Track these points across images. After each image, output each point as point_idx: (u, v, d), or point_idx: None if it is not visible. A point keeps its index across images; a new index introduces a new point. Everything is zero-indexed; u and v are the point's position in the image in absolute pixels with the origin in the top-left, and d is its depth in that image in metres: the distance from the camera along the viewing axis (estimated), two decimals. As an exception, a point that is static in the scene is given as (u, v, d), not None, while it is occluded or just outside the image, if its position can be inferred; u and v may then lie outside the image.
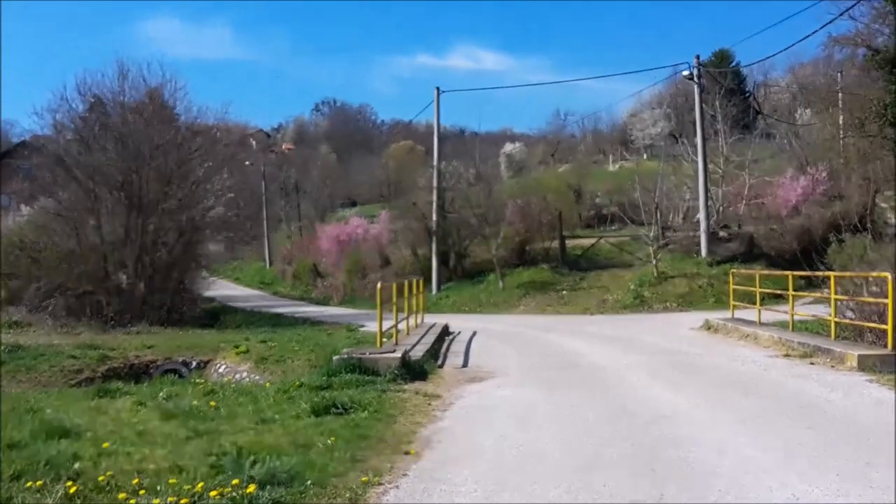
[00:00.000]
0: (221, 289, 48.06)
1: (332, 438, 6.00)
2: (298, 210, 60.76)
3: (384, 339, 10.97)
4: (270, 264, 56.09)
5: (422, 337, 13.26)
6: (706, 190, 27.21)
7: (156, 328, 21.53)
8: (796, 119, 42.39)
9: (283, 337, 18.97)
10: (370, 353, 9.24)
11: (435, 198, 30.10)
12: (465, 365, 10.94)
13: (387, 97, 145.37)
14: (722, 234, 29.32)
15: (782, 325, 14.46)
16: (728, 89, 37.40)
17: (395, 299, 12.13)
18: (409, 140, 74.55)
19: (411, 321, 15.55)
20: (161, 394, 8.64)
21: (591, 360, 11.48)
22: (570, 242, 30.83)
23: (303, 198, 63.31)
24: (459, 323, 19.72)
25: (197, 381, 11.40)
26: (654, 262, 25.31)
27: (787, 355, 11.29)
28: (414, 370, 9.38)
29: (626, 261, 28.65)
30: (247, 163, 69.08)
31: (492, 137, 70.12)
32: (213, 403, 7.66)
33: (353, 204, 64.46)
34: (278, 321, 25.79)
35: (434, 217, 30.08)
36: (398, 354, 9.25)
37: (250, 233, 59.68)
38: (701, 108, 27.47)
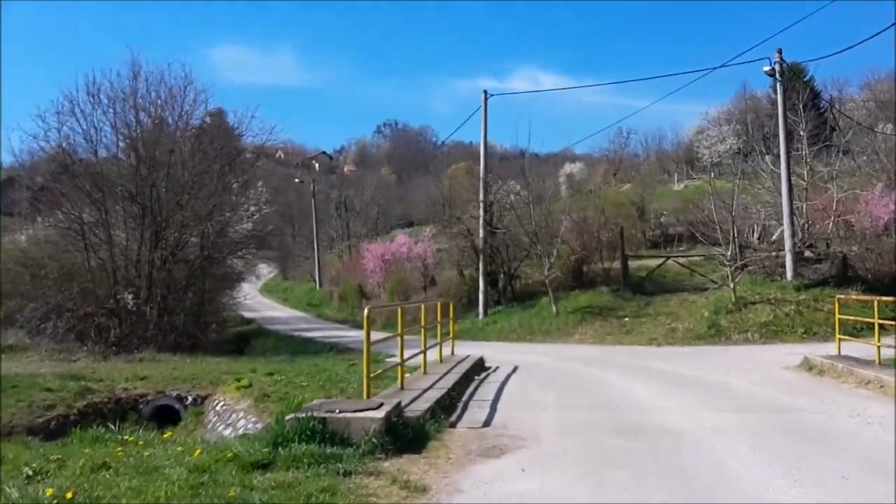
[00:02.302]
0: (266, 310, 46.38)
1: None
2: (348, 229, 58.90)
3: (372, 387, 8.16)
4: (320, 285, 54.12)
5: (441, 377, 10.40)
6: (790, 202, 23.63)
7: (164, 355, 19.30)
8: (876, 134, 38.81)
9: (295, 368, 16.43)
10: (340, 411, 6.41)
11: (482, 212, 27.21)
12: (486, 423, 7.98)
13: (447, 119, 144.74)
14: (808, 253, 25.63)
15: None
16: (803, 104, 33.95)
17: (400, 328, 9.37)
18: (468, 161, 72.74)
19: (434, 354, 12.84)
20: (26, 468, 6.02)
21: (661, 417, 8.41)
22: (632, 263, 27.56)
23: (354, 217, 61.65)
24: (502, 355, 16.83)
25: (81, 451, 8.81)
26: (731, 285, 21.85)
27: (938, 415, 8.06)
28: (403, 436, 6.50)
29: (698, 284, 25.22)
30: (297, 180, 68.38)
31: (552, 158, 67.39)
32: (69, 495, 4.98)
33: (410, 224, 62.68)
34: (305, 347, 23.35)
35: (481, 233, 27.20)
36: (380, 413, 6.38)
37: (288, 250, 58.48)
38: (784, 107, 23.96)
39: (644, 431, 7.48)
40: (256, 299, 55.40)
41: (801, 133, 28.39)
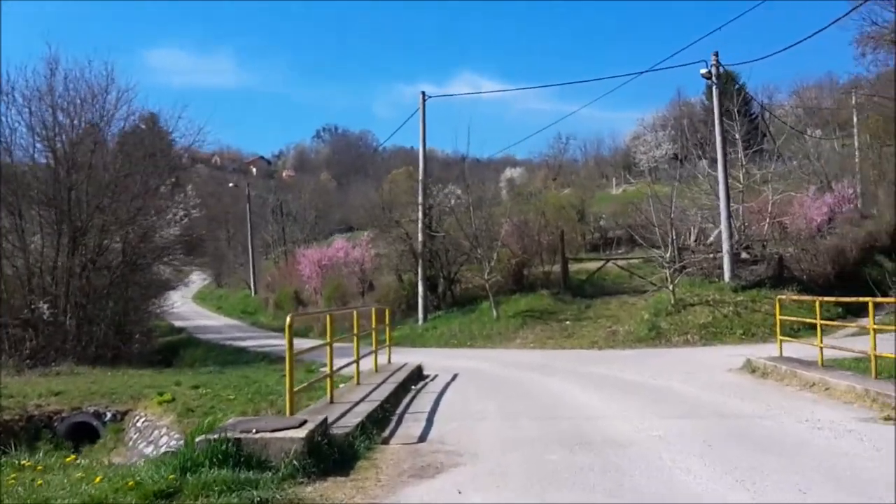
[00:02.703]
0: (198, 318, 44.86)
1: None
2: (283, 234, 57.59)
3: (303, 400, 7.50)
4: (255, 292, 52.72)
5: (375, 388, 9.78)
6: (728, 204, 23.75)
7: (83, 367, 18.10)
8: (806, 139, 39.89)
9: (223, 380, 15.55)
10: (257, 431, 5.74)
11: (421, 215, 26.65)
12: (422, 438, 7.38)
13: (389, 124, 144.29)
14: (745, 255, 25.84)
15: (852, 367, 11.11)
16: (736, 109, 34.37)
17: (329, 337, 8.73)
18: (408, 166, 72.15)
19: (370, 363, 12.24)
20: None
21: (606, 425, 7.97)
22: (573, 266, 27.36)
23: (291, 222, 60.38)
24: (442, 362, 16.31)
25: None
26: (670, 287, 21.81)
27: (888, 418, 7.83)
28: (328, 457, 5.86)
29: (638, 286, 25.14)
30: (230, 184, 66.67)
31: (493, 164, 67.55)
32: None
33: (350, 229, 61.83)
34: (237, 357, 22.38)
35: (420, 237, 26.62)
36: (301, 433, 5.72)
37: (222, 257, 56.79)
38: (720, 108, 24.12)
39: (589, 443, 7.01)
40: (189, 307, 53.72)
41: (737, 136, 28.72)
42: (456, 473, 5.91)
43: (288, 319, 7.15)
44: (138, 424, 13.69)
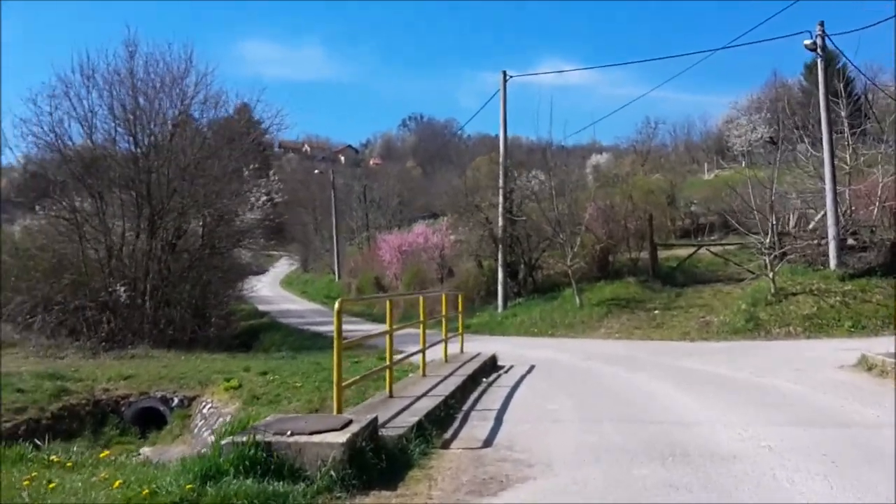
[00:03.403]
0: (283, 302, 45.23)
1: None
2: (367, 219, 57.53)
3: (360, 393, 6.70)
4: (339, 277, 52.94)
5: (441, 381, 8.93)
6: (833, 186, 21.76)
7: (159, 351, 18.06)
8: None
9: (293, 366, 15.08)
10: (292, 433, 4.95)
11: (501, 199, 25.63)
12: (487, 442, 6.46)
13: (472, 112, 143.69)
14: (851, 241, 23.71)
15: None
16: (835, 92, 31.77)
17: (389, 324, 7.94)
18: (493, 153, 71.19)
19: (440, 352, 11.43)
20: None
21: (705, 433, 6.84)
22: (662, 253, 25.86)
23: (375, 208, 60.45)
24: (519, 351, 15.37)
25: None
26: (770, 275, 20.09)
27: None
28: (373, 466, 5.03)
29: (733, 274, 23.48)
30: (316, 171, 67.23)
31: (579, 150, 65.66)
32: None
33: (434, 216, 61.55)
34: (313, 342, 22.05)
35: (500, 222, 25.62)
36: (341, 437, 4.88)
37: (309, 242, 57.15)
38: (826, 82, 22.09)
39: (686, 454, 5.94)
40: (275, 291, 54.63)
41: (842, 114, 26.43)
42: (523, 490, 4.98)
43: (337, 305, 6.40)
44: (204, 411, 13.35)
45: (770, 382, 10.19)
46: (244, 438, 4.90)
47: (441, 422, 7.07)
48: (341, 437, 4.93)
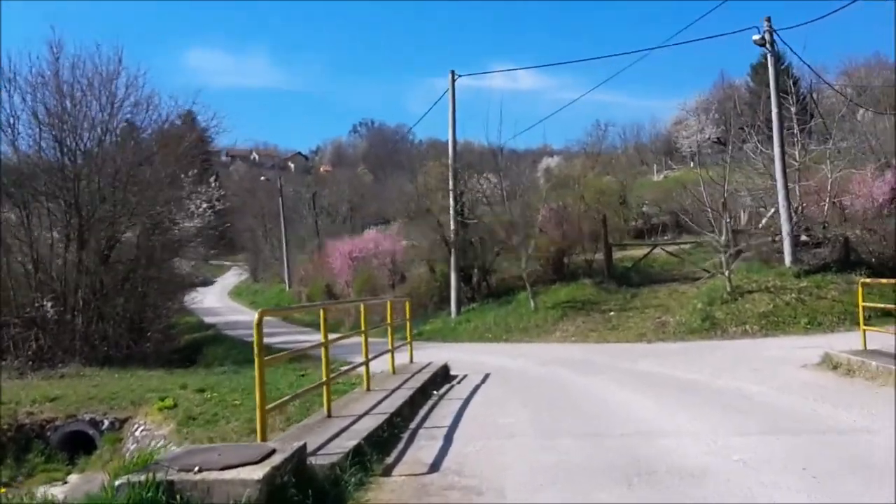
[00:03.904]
0: (231, 314, 43.90)
1: None
2: (317, 226, 56.49)
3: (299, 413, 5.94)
4: (290, 286, 51.81)
5: (388, 395, 8.22)
6: (785, 182, 21.69)
7: (92, 369, 16.94)
8: (859, 118, 37.43)
9: (235, 382, 14.17)
10: (200, 469, 4.20)
11: (452, 201, 25.01)
12: (435, 465, 5.75)
13: (425, 117, 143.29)
14: (804, 238, 23.70)
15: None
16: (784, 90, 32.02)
17: (324, 335, 7.23)
18: (444, 157, 70.69)
19: (386, 363, 10.73)
20: None
21: (670, 445, 6.25)
22: (617, 254, 25.54)
23: (324, 215, 59.45)
24: (473, 358, 14.76)
25: None
26: (726, 273, 19.84)
27: None
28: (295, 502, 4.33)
29: (689, 273, 23.24)
30: (262, 178, 65.89)
31: (530, 154, 65.67)
32: None
33: (385, 222, 60.76)
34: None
35: (452, 225, 24.99)
36: (257, 473, 4.13)
37: (258, 251, 55.83)
38: (776, 76, 22.06)
39: (652, 472, 5.34)
40: (224, 303, 53.35)
41: (792, 110, 26.50)
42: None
43: (256, 316, 5.66)
44: (136, 434, 12.38)
45: (732, 385, 9.72)
46: (142, 478, 4.12)
47: (384, 444, 6.34)
48: (258, 473, 4.18)
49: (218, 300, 53.76)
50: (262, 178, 62.22)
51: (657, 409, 8.11)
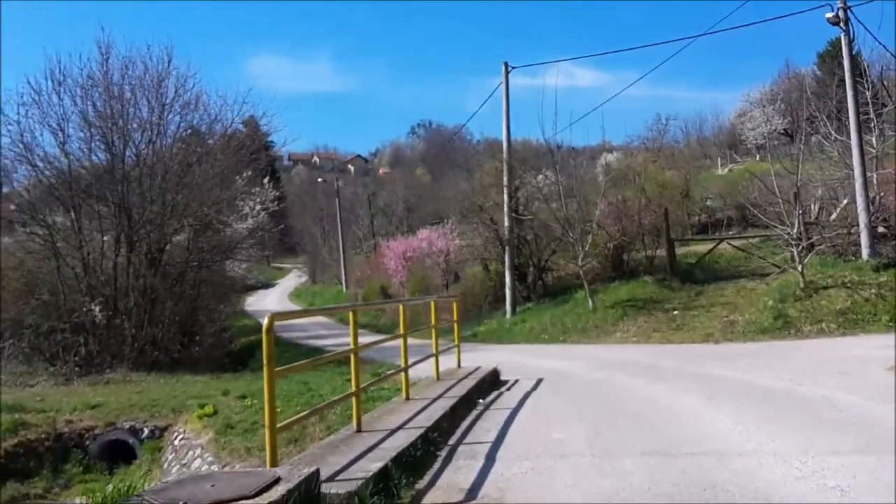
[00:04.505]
0: (287, 316, 43.97)
1: None
2: (372, 227, 56.34)
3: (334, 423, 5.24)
4: (347, 288, 51.78)
5: (429, 405, 7.49)
6: (864, 171, 20.17)
7: (139, 374, 16.69)
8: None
9: (278, 387, 13.54)
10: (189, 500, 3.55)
11: (506, 196, 24.17)
12: (472, 491, 4.99)
13: (482, 117, 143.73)
14: (881, 229, 22.09)
15: None
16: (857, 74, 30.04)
17: (353, 342, 6.54)
18: (499, 153, 69.85)
19: (434, 367, 10.01)
20: None
21: (754, 469, 5.33)
22: (679, 250, 24.35)
23: (381, 216, 59.35)
24: (527, 361, 13.96)
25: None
26: (798, 268, 18.51)
27: None
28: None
29: (757, 269, 21.93)
30: (319, 180, 66.14)
31: (589, 151, 64.27)
32: None
33: (441, 221, 60.34)
34: (308, 359, 20.60)
35: (506, 221, 24.14)
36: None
37: (316, 254, 55.83)
38: (850, 57, 20.53)
39: (731, 503, 4.47)
40: (284, 305, 53.61)
41: (867, 95, 24.85)
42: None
43: (266, 322, 4.97)
44: (175, 443, 11.96)
45: (816, 392, 8.66)
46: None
47: (417, 464, 5.60)
48: (250, 513, 3.49)
49: (277, 303, 54.10)
50: (320, 179, 62.29)
51: (732, 422, 7.15)
